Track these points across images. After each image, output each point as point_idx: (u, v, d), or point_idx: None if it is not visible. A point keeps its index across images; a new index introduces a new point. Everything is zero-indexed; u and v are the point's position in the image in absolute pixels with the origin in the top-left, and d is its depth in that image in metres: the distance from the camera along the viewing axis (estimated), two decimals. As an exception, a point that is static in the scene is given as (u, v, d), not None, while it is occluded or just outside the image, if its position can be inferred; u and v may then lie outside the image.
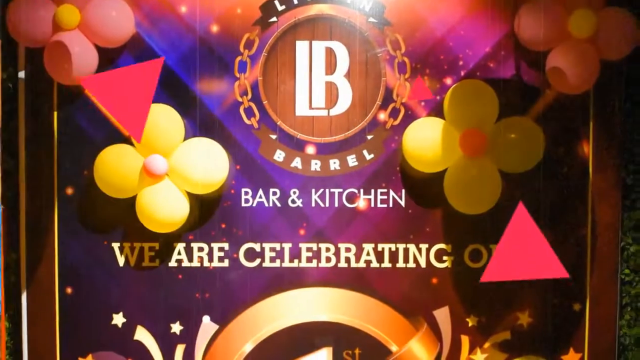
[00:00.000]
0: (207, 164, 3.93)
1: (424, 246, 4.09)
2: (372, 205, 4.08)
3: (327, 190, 4.08)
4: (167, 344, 4.10)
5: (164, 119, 3.91)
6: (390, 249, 4.09)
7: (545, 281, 4.04)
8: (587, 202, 4.07)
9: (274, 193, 4.07)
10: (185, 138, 3.95)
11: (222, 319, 4.10)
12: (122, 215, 4.03)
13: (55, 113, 4.04)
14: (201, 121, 4.03)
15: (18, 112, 4.04)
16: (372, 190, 4.07)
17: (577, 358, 4.10)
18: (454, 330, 4.10)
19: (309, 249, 4.09)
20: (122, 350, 4.09)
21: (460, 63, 4.02)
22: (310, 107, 4.05)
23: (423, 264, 4.09)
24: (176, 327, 4.10)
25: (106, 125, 4.01)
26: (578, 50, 3.84)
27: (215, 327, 4.10)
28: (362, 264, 4.09)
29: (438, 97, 4.02)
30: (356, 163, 4.06)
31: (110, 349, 4.09)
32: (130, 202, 3.93)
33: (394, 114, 4.05)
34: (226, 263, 4.09)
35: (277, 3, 3.99)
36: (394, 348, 4.09)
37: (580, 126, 4.05)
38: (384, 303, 4.09)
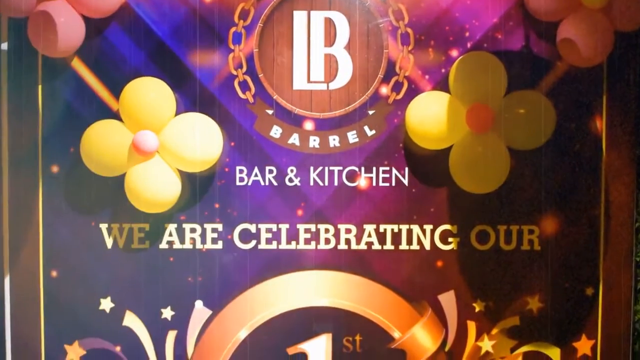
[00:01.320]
0: (200, 140, 3.85)
1: (428, 227, 3.98)
2: (374, 184, 3.97)
3: (326, 168, 3.97)
4: (157, 330, 4.02)
5: (155, 93, 3.83)
6: (392, 230, 3.98)
7: (556, 264, 3.97)
8: (600, 180, 3.96)
9: (271, 171, 3.97)
10: (177, 113, 3.86)
11: (216, 304, 4.01)
12: (111, 195, 3.95)
13: (40, 87, 3.94)
14: (194, 95, 3.95)
15: (1, 85, 3.94)
16: (374, 168, 3.97)
17: (589, 345, 3.98)
18: (459, 315, 4.00)
19: (307, 230, 3.99)
20: (111, 337, 4.02)
21: (467, 34, 3.90)
22: (309, 81, 3.94)
23: (427, 246, 3.98)
24: (167, 313, 4.00)
25: (93, 100, 3.92)
26: (590, 21, 3.73)
27: (209, 312, 4.01)
28: (363, 246, 3.99)
29: (443, 70, 3.90)
30: (357, 139, 3.95)
31: (97, 336, 4.02)
32: (119, 181, 3.85)
33: (396, 87, 3.94)
34: (220, 245, 4.00)
35: (273, -29, 3.91)
36: (396, 334, 3.98)
37: (592, 101, 3.94)
38: (386, 287, 3.99)
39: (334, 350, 4.00)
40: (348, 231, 3.99)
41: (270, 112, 3.95)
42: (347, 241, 3.99)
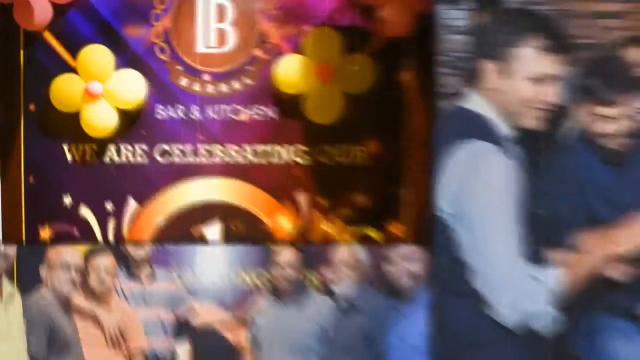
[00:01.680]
0: (132, 88, 4.76)
1: (289, 147, 4.84)
2: (253, 118, 4.85)
3: (219, 107, 4.84)
4: (103, 219, 4.86)
5: (100, 56, 4.74)
6: (265, 150, 4.85)
7: (379, 174, 4.75)
8: (410, 115, 4.77)
9: (180, 109, 4.85)
10: (116, 69, 4.73)
11: (143, 201, 4.85)
12: (71, 125, 4.77)
13: (22, 51, 4.79)
14: (127, 57, 4.81)
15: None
16: (253, 107, 4.85)
17: (402, 228, 4.79)
18: (310, 209, 4.83)
19: (206, 150, 4.82)
20: (70, 222, 4.84)
21: (316, 14, 4.79)
22: (207, 47, 4.81)
23: (289, 161, 4.84)
24: (109, 206, 4.85)
25: (59, 60, 4.79)
26: (402, 3, 4.64)
27: (138, 206, 4.86)
28: (245, 161, 4.83)
29: (299, 39, 4.76)
30: (241, 87, 4.84)
31: (61, 221, 4.82)
32: (76, 115, 4.70)
33: (267, 51, 4.84)
34: (146, 160, 4.83)
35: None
36: (266, 221, 4.85)
37: (405, 61, 4.72)
38: (260, 189, 4.84)
39: (223, 230, 4.82)
40: (235, 151, 4.83)
41: (180, 68, 4.83)
42: (234, 157, 4.81)
